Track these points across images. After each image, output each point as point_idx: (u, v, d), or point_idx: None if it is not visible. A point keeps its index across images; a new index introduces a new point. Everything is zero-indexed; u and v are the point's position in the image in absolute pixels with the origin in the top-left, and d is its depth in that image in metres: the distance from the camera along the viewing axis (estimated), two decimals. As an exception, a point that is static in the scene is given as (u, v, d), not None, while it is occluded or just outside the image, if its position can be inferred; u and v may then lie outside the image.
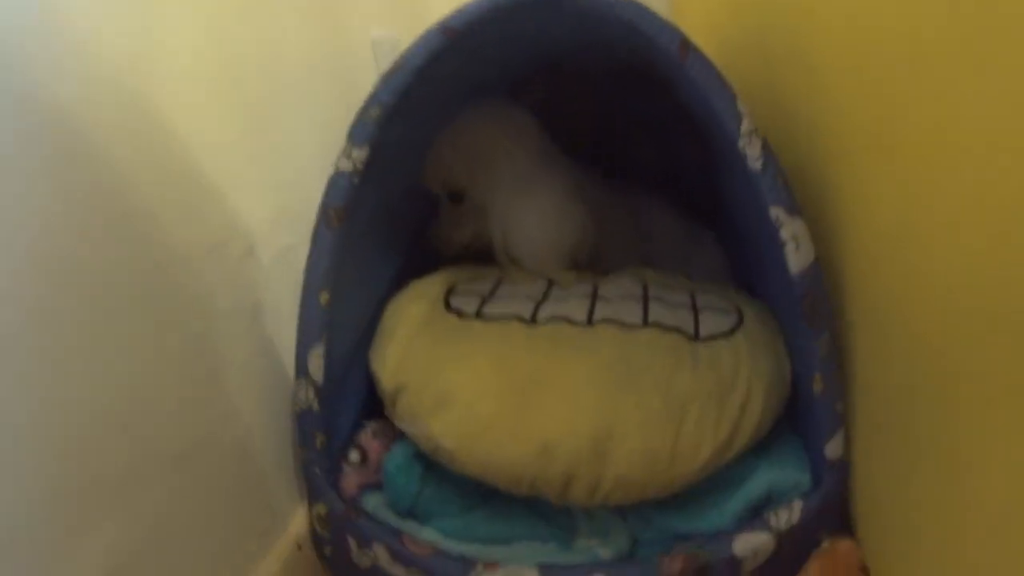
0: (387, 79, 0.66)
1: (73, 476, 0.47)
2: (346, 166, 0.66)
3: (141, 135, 0.57)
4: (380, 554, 0.64)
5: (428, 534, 0.65)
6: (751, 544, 0.60)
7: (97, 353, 0.50)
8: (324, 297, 0.66)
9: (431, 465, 0.66)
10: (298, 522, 0.71)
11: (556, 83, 0.86)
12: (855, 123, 0.59)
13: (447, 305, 0.71)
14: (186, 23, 0.64)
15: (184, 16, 0.64)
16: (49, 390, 0.46)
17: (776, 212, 0.61)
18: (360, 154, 0.66)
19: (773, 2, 0.76)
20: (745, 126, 0.61)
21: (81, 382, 0.48)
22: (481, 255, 0.84)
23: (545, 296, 0.73)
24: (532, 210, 0.80)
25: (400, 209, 0.79)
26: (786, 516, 0.61)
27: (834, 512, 0.64)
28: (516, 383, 0.64)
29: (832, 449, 0.62)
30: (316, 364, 0.66)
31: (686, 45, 0.63)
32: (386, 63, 0.68)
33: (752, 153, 0.61)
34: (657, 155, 0.93)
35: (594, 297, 0.72)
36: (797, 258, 0.60)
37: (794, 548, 0.61)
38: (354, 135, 0.66)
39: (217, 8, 0.69)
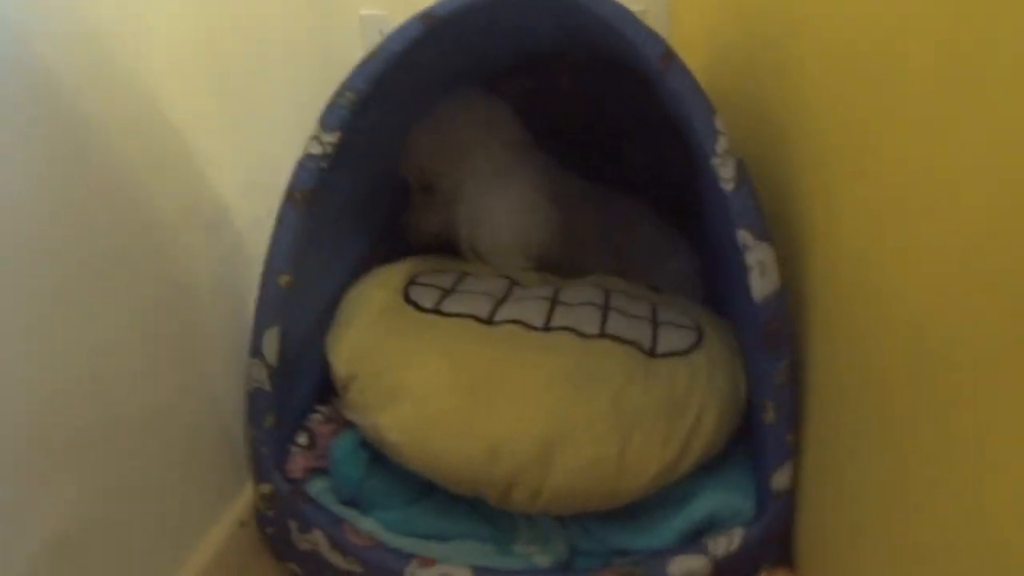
0: (363, 65, 0.65)
1: (30, 438, 0.47)
2: (315, 150, 0.65)
3: (117, 102, 0.57)
4: (320, 540, 0.64)
5: (368, 524, 0.65)
6: (686, 567, 0.60)
7: (62, 316, 0.50)
8: (284, 279, 0.66)
9: (377, 455, 0.66)
10: (245, 499, 0.71)
11: (542, 74, 0.84)
12: (831, 143, 0.57)
13: (407, 296, 0.71)
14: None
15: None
16: (9, 351, 0.45)
17: (744, 235, 0.59)
18: (330, 139, 0.65)
19: (759, 10, 0.74)
20: (721, 145, 0.60)
21: (44, 344, 0.48)
22: (450, 246, 0.83)
23: (506, 296, 0.72)
24: (501, 203, 0.79)
25: (374, 195, 0.78)
26: (725, 543, 0.61)
27: (776, 542, 0.63)
28: (471, 381, 0.63)
29: (778, 480, 0.61)
30: (271, 345, 0.66)
31: (668, 56, 0.61)
32: (374, 41, 0.67)
33: (725, 174, 0.59)
34: (642, 153, 0.91)
35: (554, 302, 0.71)
36: (762, 284, 0.59)
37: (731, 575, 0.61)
38: (325, 120, 0.65)
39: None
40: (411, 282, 0.73)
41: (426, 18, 0.64)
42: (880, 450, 0.49)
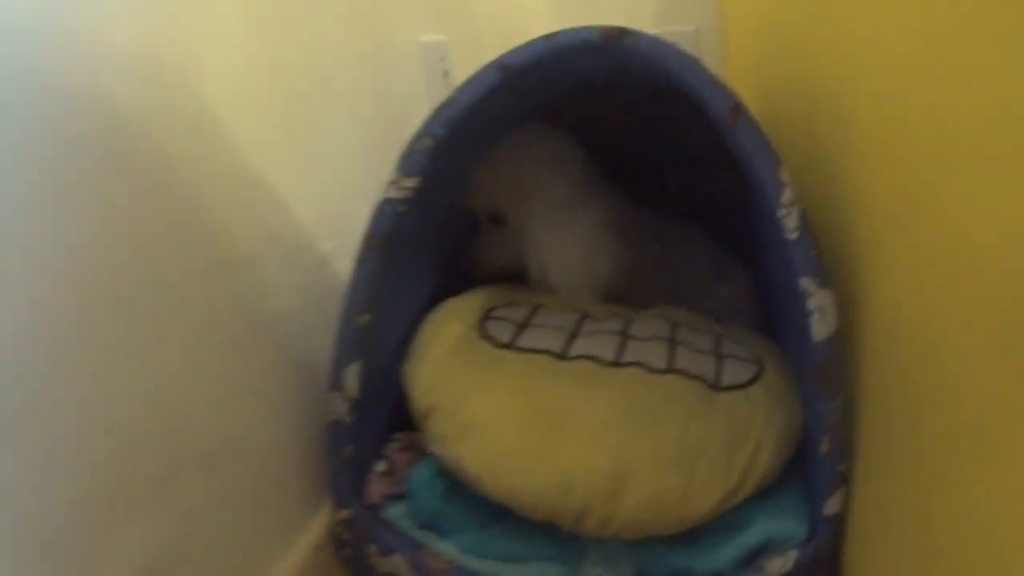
0: (440, 112, 0.67)
1: (112, 473, 0.49)
2: (394, 194, 0.67)
3: (189, 137, 0.59)
4: (399, 564, 0.68)
5: (446, 548, 0.69)
6: (745, 587, 0.65)
7: (137, 353, 0.52)
8: (363, 319, 0.68)
9: (454, 482, 0.70)
10: (320, 523, 0.74)
11: (593, 104, 0.86)
12: (884, 195, 0.59)
13: (482, 330, 0.74)
14: (234, 30, 0.65)
15: (232, 22, 0.65)
16: (88, 388, 0.48)
17: (805, 282, 0.63)
18: (410, 183, 0.67)
19: (816, 57, 0.76)
20: (786, 197, 0.62)
21: (121, 381, 0.51)
22: (512, 276, 0.86)
23: (578, 329, 0.76)
24: (568, 241, 0.82)
25: (442, 229, 0.80)
26: (780, 564, 0.65)
27: (827, 564, 0.68)
28: (541, 417, 0.67)
29: (831, 506, 0.66)
30: (351, 380, 0.69)
31: (737, 110, 0.64)
32: (435, 68, 0.69)
33: (789, 224, 0.62)
34: (692, 185, 0.94)
35: (624, 336, 0.75)
36: (820, 327, 0.62)
37: (785, 595, 0.66)
38: (405, 166, 0.67)
39: (265, 13, 0.70)
40: (486, 316, 0.76)
41: (502, 68, 0.66)
42: (925, 477, 0.52)
